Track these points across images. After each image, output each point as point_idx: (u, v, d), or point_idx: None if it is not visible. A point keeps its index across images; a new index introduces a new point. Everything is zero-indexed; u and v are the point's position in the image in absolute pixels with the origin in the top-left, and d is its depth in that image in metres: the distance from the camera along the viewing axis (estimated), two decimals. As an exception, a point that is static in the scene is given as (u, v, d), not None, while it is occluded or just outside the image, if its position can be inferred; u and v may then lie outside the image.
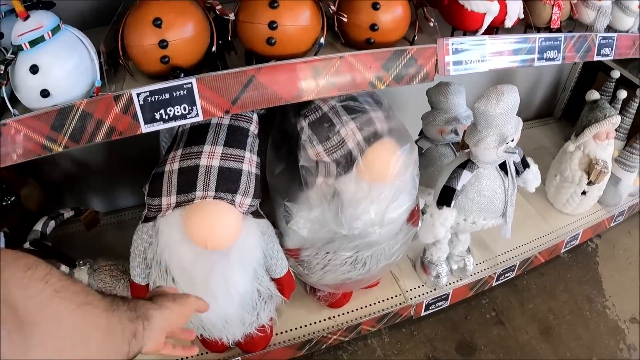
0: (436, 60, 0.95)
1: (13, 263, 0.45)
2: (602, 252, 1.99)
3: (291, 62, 0.84)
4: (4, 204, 1.16)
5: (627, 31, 1.34)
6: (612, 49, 1.33)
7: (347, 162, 0.96)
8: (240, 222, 0.91)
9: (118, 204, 1.65)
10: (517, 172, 1.21)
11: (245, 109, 0.87)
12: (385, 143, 0.96)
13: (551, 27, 1.14)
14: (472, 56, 1.01)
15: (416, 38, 0.98)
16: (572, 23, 1.31)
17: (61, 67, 0.74)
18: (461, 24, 1.00)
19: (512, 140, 1.04)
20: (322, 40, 0.88)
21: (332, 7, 0.88)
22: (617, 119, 1.59)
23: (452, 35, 1.04)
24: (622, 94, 1.80)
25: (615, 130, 1.74)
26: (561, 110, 2.32)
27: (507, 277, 1.58)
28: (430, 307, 1.43)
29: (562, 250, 1.74)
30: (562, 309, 1.73)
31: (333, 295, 1.27)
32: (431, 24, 0.95)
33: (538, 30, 1.13)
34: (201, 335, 1.07)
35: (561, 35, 1.15)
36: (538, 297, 1.76)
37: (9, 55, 0.75)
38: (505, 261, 1.56)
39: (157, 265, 0.95)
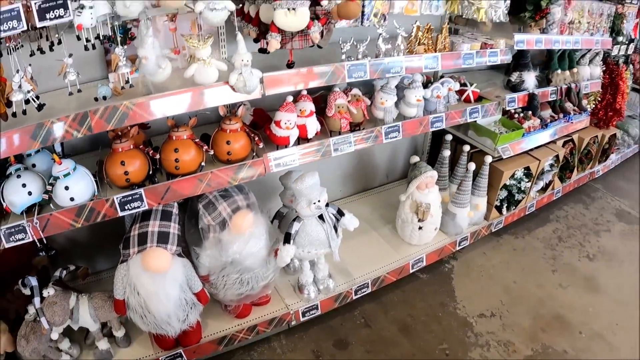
0: (264, 166, 2.07)
1: None
2: (457, 270, 3.07)
3: (188, 177, 1.97)
4: (49, 254, 2.20)
5: (412, 117, 2.49)
6: (399, 132, 2.47)
7: (223, 224, 2.08)
8: (170, 258, 1.97)
9: (98, 267, 2.65)
10: (337, 219, 2.30)
11: (168, 201, 1.98)
12: (242, 213, 2.08)
13: (341, 132, 2.28)
14: (288, 159, 2.14)
15: (255, 154, 2.12)
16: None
17: (79, 186, 1.83)
18: (277, 142, 2.13)
19: (318, 201, 2.14)
20: (203, 163, 2.02)
21: (206, 148, 2.01)
22: (430, 174, 2.70)
23: (277, 149, 2.18)
24: (446, 152, 2.96)
25: (438, 179, 2.82)
26: None
27: (364, 292, 2.64)
28: (306, 314, 2.47)
29: (411, 270, 2.82)
30: (418, 313, 2.75)
31: (237, 308, 2.29)
32: (260, 145, 2.09)
33: (330, 135, 2.30)
34: (155, 334, 2.08)
35: (350, 134, 2.29)
36: (399, 306, 2.80)
37: (51, 181, 1.83)
38: (360, 280, 2.61)
39: (129, 287, 1.98)
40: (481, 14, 2.55)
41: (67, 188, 1.79)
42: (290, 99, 2.11)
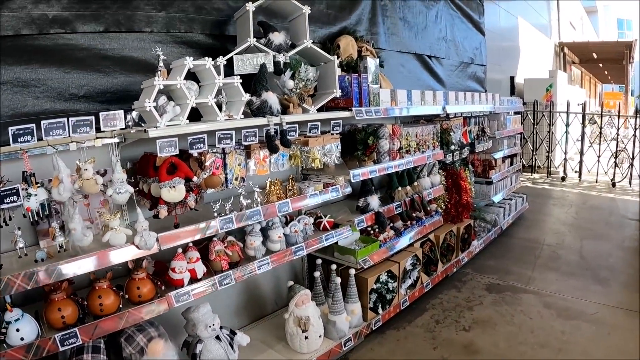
0: (167, 303, 3.61)
1: None
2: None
3: (111, 316, 3.41)
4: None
5: (278, 251, 4.15)
6: (269, 264, 4.03)
7: (142, 351, 3.44)
8: None
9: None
10: (231, 338, 3.83)
11: (97, 336, 3.43)
12: (155, 341, 3.46)
13: (222, 270, 3.90)
14: (185, 296, 3.67)
15: (159, 295, 3.65)
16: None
17: (27, 328, 3.09)
18: (175, 284, 3.64)
19: (213, 325, 3.66)
20: (120, 305, 3.51)
21: (122, 293, 3.54)
22: (303, 292, 4.26)
23: (175, 289, 3.73)
24: (316, 274, 4.61)
25: (315, 296, 4.49)
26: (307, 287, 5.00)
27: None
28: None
29: (302, 375, 4.28)
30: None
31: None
32: (162, 288, 3.64)
33: (214, 274, 3.90)
34: None
35: (229, 272, 3.89)
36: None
37: (4, 325, 3.08)
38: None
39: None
40: (317, 163, 4.37)
41: (18, 330, 3.00)
42: (180, 250, 3.67)
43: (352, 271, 4.57)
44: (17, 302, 3.49)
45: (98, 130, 3.31)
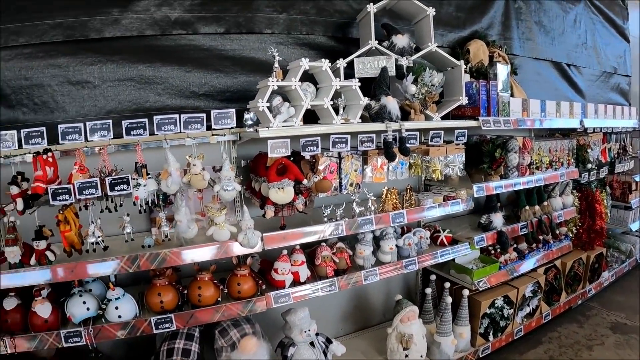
0: (266, 302, 3.12)
1: None
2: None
3: (207, 308, 2.98)
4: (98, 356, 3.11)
5: (388, 262, 3.49)
6: (377, 275, 3.39)
7: (233, 346, 2.99)
8: None
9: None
10: (326, 346, 3.25)
11: (192, 325, 3.03)
12: (248, 337, 3.00)
13: (327, 276, 3.32)
14: (285, 298, 3.15)
15: (259, 293, 3.15)
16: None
17: (126, 307, 2.83)
18: (276, 285, 3.11)
19: (308, 330, 3.12)
20: (219, 299, 3.09)
21: (222, 287, 3.11)
22: (411, 308, 3.57)
23: (276, 290, 3.22)
24: (427, 290, 3.85)
25: (423, 313, 3.77)
26: (418, 303, 4.13)
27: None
28: None
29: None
30: None
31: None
32: (263, 287, 3.15)
33: (318, 279, 3.32)
34: None
35: (334, 279, 3.30)
36: None
37: (105, 302, 2.83)
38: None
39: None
40: (437, 174, 3.62)
41: (117, 308, 2.77)
42: (285, 252, 3.12)
43: (466, 292, 3.77)
44: (124, 282, 3.22)
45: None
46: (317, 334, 3.22)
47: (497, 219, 3.98)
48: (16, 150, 2.68)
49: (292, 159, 3.10)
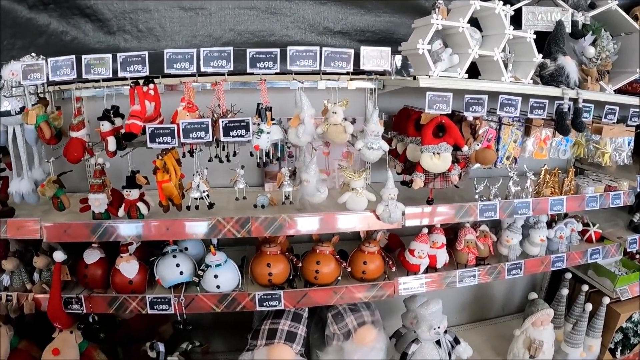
0: (394, 289, 2.13)
1: None
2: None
3: (325, 288, 2.03)
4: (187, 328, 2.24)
5: (535, 256, 2.40)
6: (521, 270, 2.32)
7: (348, 335, 2.03)
8: (293, 357, 1.96)
9: (214, 347, 2.61)
10: (453, 346, 2.25)
11: (302, 306, 2.09)
12: (367, 327, 2.03)
13: (467, 265, 2.29)
14: (416, 285, 2.16)
15: (387, 276, 2.17)
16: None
17: (227, 276, 1.92)
18: (408, 269, 2.14)
19: (438, 327, 2.12)
20: (339, 278, 2.09)
21: (345, 265, 2.13)
22: (547, 312, 2.52)
23: (407, 274, 2.19)
24: (564, 291, 2.74)
25: (556, 317, 2.64)
26: None
27: None
28: None
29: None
30: None
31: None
32: (393, 269, 2.16)
33: (457, 267, 2.28)
34: None
35: (475, 268, 2.28)
36: None
37: (203, 267, 1.90)
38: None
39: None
40: (605, 159, 2.43)
41: (216, 276, 1.90)
42: (425, 230, 2.10)
43: (606, 300, 2.63)
44: (227, 242, 2.26)
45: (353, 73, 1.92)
46: (445, 332, 2.20)
47: (656, 220, 2.79)
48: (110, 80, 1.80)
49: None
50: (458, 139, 1.92)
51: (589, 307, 2.55)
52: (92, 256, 1.93)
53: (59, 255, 1.81)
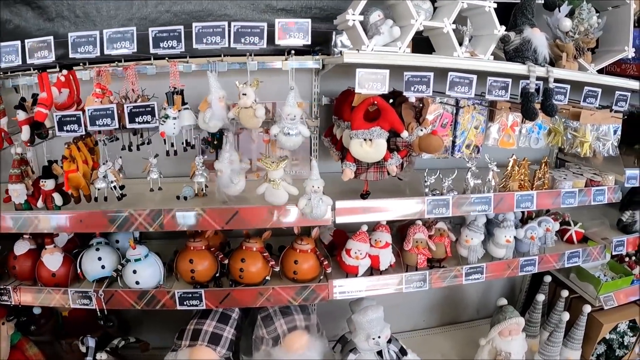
0: (328, 292, 1.75)
1: None
2: None
3: (249, 288, 1.66)
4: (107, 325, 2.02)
5: (500, 258, 1.96)
6: (482, 274, 1.91)
7: (277, 340, 1.70)
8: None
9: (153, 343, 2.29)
10: (399, 358, 1.86)
11: (227, 307, 1.73)
12: (298, 333, 1.69)
13: (417, 268, 1.88)
14: (354, 289, 1.78)
15: (321, 278, 1.76)
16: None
17: (146, 272, 1.62)
18: (345, 270, 1.73)
19: (378, 337, 1.72)
20: (267, 278, 1.69)
21: (273, 264, 1.77)
22: (516, 321, 2.08)
23: (346, 277, 1.78)
24: (540, 297, 2.23)
25: (528, 324, 2.21)
26: (520, 307, 2.66)
27: None
28: None
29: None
30: None
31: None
32: (328, 270, 1.78)
33: (407, 269, 1.88)
34: None
35: (425, 272, 1.87)
36: None
37: (123, 262, 1.64)
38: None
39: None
40: (585, 148, 1.96)
41: (134, 272, 1.63)
42: (364, 228, 1.71)
43: (587, 308, 2.17)
44: (157, 235, 1.95)
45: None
46: (389, 341, 1.82)
47: (648, 219, 2.29)
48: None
49: (391, 101, 1.62)
50: (395, 123, 1.53)
51: (566, 316, 2.12)
52: (21, 247, 1.71)
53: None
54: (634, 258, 2.39)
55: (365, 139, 1.50)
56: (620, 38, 1.98)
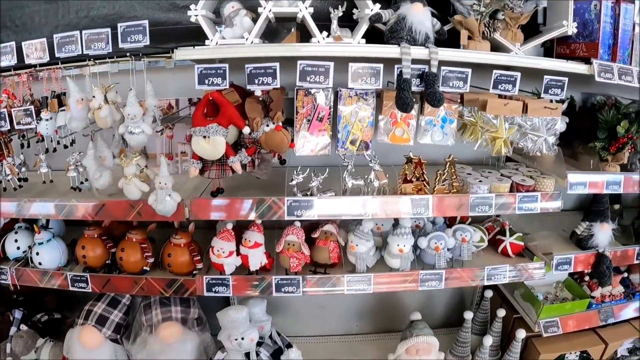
0: (196, 287, 1.70)
1: None
2: None
3: (125, 276, 1.70)
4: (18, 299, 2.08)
5: (397, 269, 1.74)
6: (369, 285, 1.72)
7: (152, 328, 1.76)
8: (100, 340, 1.75)
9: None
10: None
11: (108, 291, 1.79)
12: (169, 324, 1.74)
13: (290, 271, 1.69)
14: (221, 288, 1.68)
15: (195, 273, 1.73)
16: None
17: (47, 255, 1.75)
18: (214, 267, 1.67)
19: (242, 339, 1.64)
20: (146, 268, 1.73)
21: (148, 255, 1.75)
22: (425, 340, 1.79)
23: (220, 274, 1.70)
24: (468, 315, 1.96)
25: (456, 344, 1.99)
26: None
27: None
28: None
29: None
30: None
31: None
32: (198, 266, 1.73)
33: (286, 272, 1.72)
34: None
35: (297, 277, 1.69)
36: None
37: (31, 244, 1.78)
38: None
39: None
40: (498, 146, 1.63)
41: (37, 253, 1.77)
42: (229, 226, 1.64)
43: (522, 334, 1.83)
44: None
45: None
46: (260, 343, 1.74)
47: (603, 233, 1.83)
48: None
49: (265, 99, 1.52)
50: (233, 118, 1.44)
51: (488, 341, 1.83)
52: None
53: None
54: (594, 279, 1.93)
55: (203, 136, 1.42)
56: (561, 12, 1.60)
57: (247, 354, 1.72)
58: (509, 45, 1.57)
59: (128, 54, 1.55)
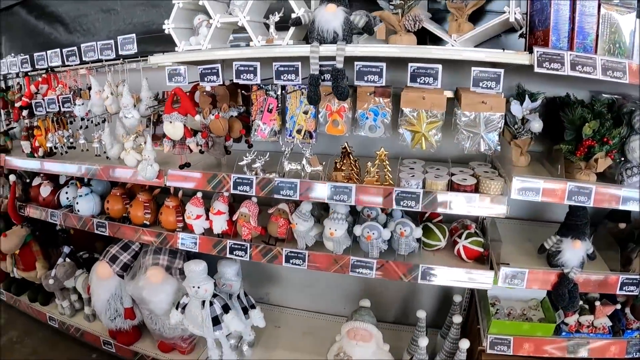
0: (174, 240, 2.09)
1: None
2: None
3: (130, 226, 2.20)
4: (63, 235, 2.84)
5: (332, 252, 1.82)
6: (304, 261, 1.87)
7: (145, 271, 2.20)
8: (109, 273, 2.26)
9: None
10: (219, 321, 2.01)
11: (119, 237, 2.32)
12: (154, 268, 2.14)
13: (244, 238, 1.93)
14: (190, 243, 2.04)
15: (178, 230, 2.13)
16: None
17: (84, 205, 2.33)
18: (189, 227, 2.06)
19: (198, 287, 1.93)
20: (147, 222, 2.20)
21: (146, 212, 2.22)
22: (361, 325, 1.86)
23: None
24: (421, 314, 1.92)
25: (412, 343, 1.95)
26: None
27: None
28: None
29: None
30: None
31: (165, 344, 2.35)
32: (179, 225, 2.10)
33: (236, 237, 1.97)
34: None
35: (247, 243, 1.94)
36: None
37: (74, 195, 2.44)
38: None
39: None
40: (419, 139, 1.57)
41: (77, 203, 2.35)
42: (199, 195, 2.00)
43: (465, 345, 1.69)
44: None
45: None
46: (215, 295, 2.02)
47: (573, 251, 1.56)
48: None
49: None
50: (187, 108, 1.82)
51: (423, 342, 1.78)
52: (36, 181, 2.72)
53: (12, 177, 2.70)
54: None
55: (169, 121, 1.80)
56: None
57: (204, 302, 2.01)
58: (443, 37, 1.54)
59: (121, 59, 2.03)
